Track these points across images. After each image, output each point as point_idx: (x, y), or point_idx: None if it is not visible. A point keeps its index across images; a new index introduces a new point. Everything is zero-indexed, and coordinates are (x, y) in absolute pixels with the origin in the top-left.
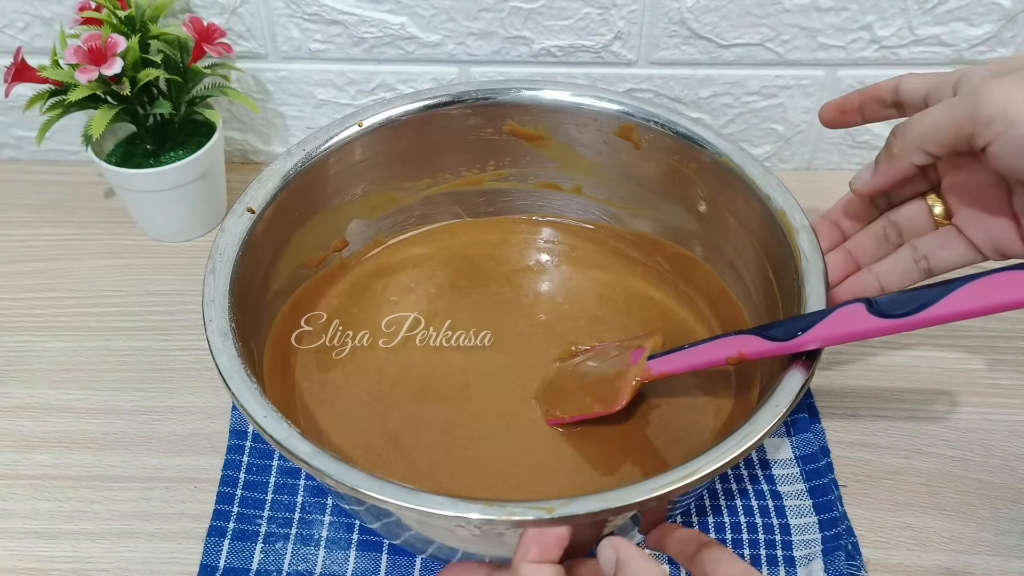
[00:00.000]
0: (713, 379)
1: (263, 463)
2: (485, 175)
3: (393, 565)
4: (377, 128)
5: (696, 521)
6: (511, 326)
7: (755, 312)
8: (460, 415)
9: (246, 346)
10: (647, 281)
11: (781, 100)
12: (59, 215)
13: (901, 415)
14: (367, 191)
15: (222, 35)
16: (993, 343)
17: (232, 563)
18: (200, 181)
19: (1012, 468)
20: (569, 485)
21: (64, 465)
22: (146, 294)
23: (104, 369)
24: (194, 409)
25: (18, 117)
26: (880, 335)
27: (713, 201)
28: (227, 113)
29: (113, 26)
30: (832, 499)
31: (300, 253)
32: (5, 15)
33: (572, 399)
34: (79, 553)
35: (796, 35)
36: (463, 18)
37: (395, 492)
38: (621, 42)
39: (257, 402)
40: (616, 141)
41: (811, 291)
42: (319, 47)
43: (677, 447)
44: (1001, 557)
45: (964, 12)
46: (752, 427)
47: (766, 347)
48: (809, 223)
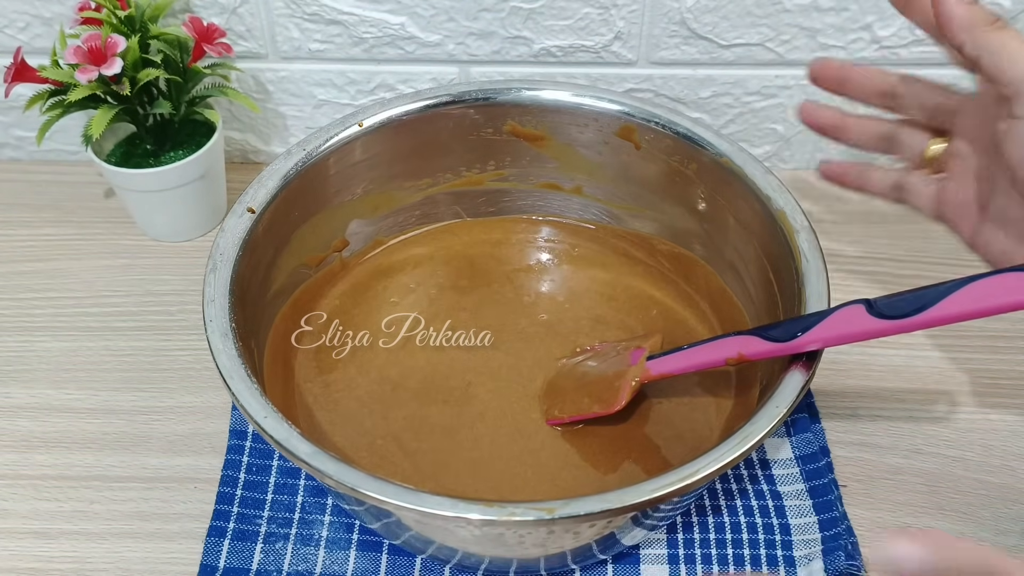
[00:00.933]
0: (714, 378)
1: (263, 463)
2: (485, 175)
3: (393, 565)
4: (377, 128)
5: (696, 521)
6: (512, 326)
7: (755, 312)
8: (463, 416)
9: (246, 346)
10: (648, 281)
11: (781, 100)
12: (59, 215)
13: (901, 415)
14: (367, 191)
15: (222, 35)
16: (993, 343)
17: (232, 563)
18: (200, 181)
19: (1012, 468)
20: (573, 484)
21: (64, 465)
22: (146, 294)
23: (104, 369)
24: (194, 409)
25: (18, 117)
26: (880, 336)
27: (713, 201)
28: (227, 113)
29: (113, 26)
30: (832, 499)
31: (300, 253)
32: (5, 15)
33: (571, 399)
34: (79, 553)
35: (796, 35)
36: (463, 18)
37: (395, 492)
38: (621, 42)
39: (257, 402)
40: (616, 141)
41: (811, 291)
42: (319, 47)
43: (678, 446)
44: None
45: None
46: (752, 428)
47: (766, 348)
48: (809, 224)
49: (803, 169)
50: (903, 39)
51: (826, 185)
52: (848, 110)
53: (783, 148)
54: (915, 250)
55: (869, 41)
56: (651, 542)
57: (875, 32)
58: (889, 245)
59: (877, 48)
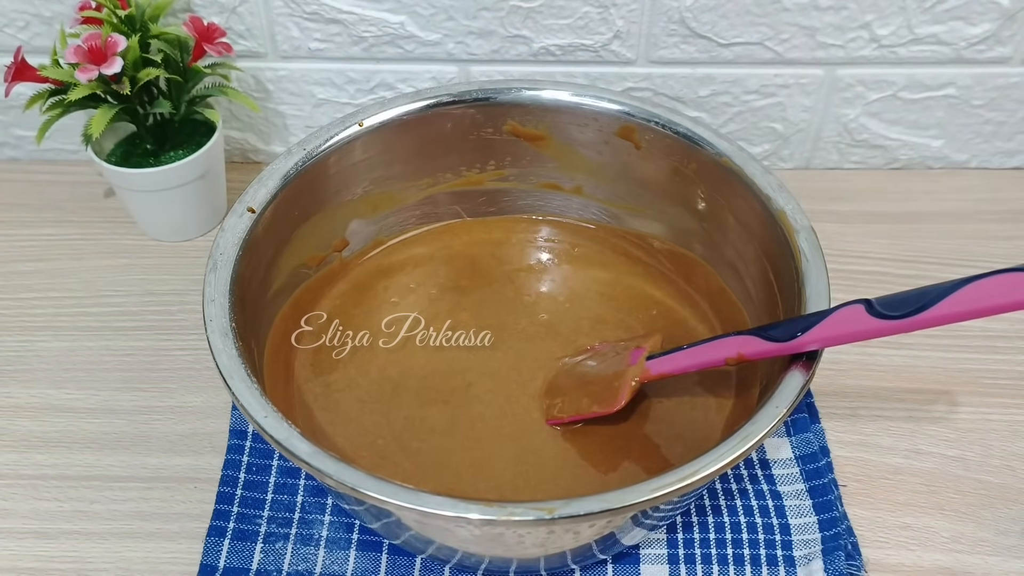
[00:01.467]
0: (714, 378)
1: (263, 463)
2: (485, 175)
3: (393, 565)
4: (377, 128)
5: (696, 521)
6: (512, 326)
7: (755, 312)
8: (463, 416)
9: (246, 346)
10: (648, 280)
11: (780, 99)
12: (59, 215)
13: (901, 415)
14: (367, 191)
15: (222, 35)
16: (993, 343)
17: (232, 563)
18: (200, 181)
19: (1012, 468)
20: (573, 484)
21: (64, 465)
22: (146, 294)
23: (104, 369)
24: (194, 409)
25: (18, 117)
26: (880, 336)
27: (713, 201)
28: (227, 113)
29: (113, 25)
30: (832, 499)
31: (300, 253)
32: (5, 14)
33: (571, 399)
34: (79, 553)
35: (795, 34)
36: (462, 17)
37: (395, 492)
38: (620, 41)
39: (257, 402)
40: (617, 141)
41: (811, 291)
42: (319, 46)
43: (678, 446)
44: (1001, 557)
45: (963, 11)
46: (752, 428)
47: (766, 348)
48: (809, 223)
49: (802, 168)
50: (902, 38)
51: (826, 184)
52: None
53: (782, 147)
54: (915, 250)
55: (868, 40)
56: (651, 542)
57: (874, 31)
58: (889, 245)
59: (876, 47)
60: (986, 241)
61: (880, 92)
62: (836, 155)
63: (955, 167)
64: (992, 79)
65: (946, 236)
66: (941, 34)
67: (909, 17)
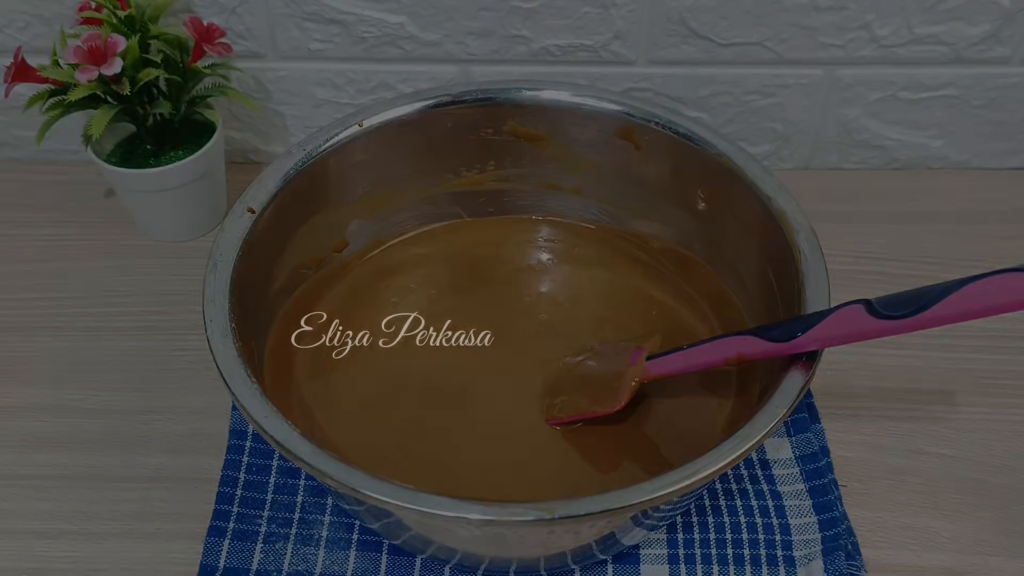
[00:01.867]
0: (714, 378)
1: (263, 463)
2: (485, 175)
3: (393, 565)
4: (377, 128)
5: (696, 521)
6: (512, 326)
7: (755, 312)
8: (463, 416)
9: (246, 346)
10: (648, 280)
11: (780, 99)
12: (59, 215)
13: (901, 415)
14: (367, 191)
15: (222, 35)
16: (993, 343)
17: (232, 563)
18: (200, 181)
19: (1012, 468)
20: (573, 484)
21: (64, 465)
22: (146, 294)
23: (104, 369)
24: (194, 409)
25: (18, 117)
26: (880, 336)
27: (713, 201)
28: (227, 113)
29: (113, 26)
30: (832, 499)
31: (300, 253)
32: (5, 15)
33: (571, 399)
34: (79, 553)
35: (795, 34)
36: (462, 17)
37: (395, 492)
38: (620, 41)
39: (257, 402)
40: (616, 141)
41: (811, 291)
42: (318, 46)
43: (678, 446)
44: (1001, 557)
45: (962, 11)
46: (752, 428)
47: (766, 348)
48: (809, 223)
49: (802, 168)
50: (901, 38)
51: (826, 184)
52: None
53: (782, 147)
54: (915, 250)
55: (868, 40)
56: (651, 542)
57: (873, 31)
58: (889, 245)
59: (876, 47)
60: (986, 241)
61: (880, 92)
62: (836, 155)
63: (955, 167)
64: (992, 79)
65: (946, 236)
66: (941, 34)
67: (909, 17)
